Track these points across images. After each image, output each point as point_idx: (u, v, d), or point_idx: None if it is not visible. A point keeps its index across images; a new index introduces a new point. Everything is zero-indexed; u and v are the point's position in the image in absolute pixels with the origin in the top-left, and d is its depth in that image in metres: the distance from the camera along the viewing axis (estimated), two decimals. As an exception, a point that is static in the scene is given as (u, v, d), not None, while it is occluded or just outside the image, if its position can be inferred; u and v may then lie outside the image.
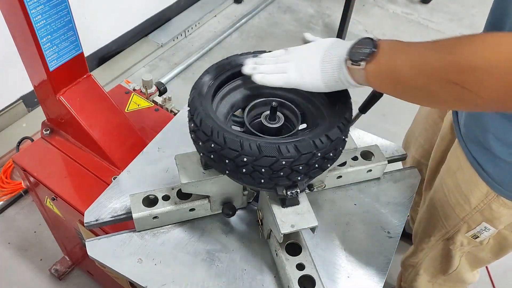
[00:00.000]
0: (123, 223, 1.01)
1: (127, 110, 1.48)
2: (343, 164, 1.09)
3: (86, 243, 0.98)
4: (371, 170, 1.11)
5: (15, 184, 2.08)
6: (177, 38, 3.05)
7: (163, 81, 2.61)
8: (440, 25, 3.42)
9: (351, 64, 0.76)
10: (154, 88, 1.61)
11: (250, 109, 0.92)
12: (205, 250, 0.98)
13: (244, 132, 0.91)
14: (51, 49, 1.14)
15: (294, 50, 0.86)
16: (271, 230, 0.94)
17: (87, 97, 1.28)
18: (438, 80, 0.64)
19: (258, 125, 0.91)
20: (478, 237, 1.12)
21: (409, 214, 1.54)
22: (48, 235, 1.82)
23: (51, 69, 1.17)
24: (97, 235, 1.17)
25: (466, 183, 1.06)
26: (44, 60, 1.14)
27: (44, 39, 1.10)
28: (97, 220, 1.00)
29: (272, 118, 0.89)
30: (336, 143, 0.80)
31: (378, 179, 1.15)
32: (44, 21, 1.08)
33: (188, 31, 3.12)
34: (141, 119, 1.45)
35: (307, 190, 1.04)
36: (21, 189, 2.07)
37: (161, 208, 0.97)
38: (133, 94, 1.54)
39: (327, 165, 0.83)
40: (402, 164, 1.53)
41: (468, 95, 0.61)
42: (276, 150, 0.75)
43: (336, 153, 0.83)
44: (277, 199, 0.90)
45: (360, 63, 0.74)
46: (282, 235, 0.86)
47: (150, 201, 0.99)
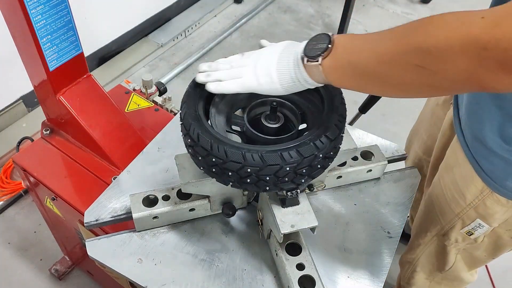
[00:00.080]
0: (123, 223, 1.01)
1: (127, 110, 1.48)
2: (343, 164, 1.09)
3: (86, 243, 0.98)
4: (371, 170, 1.11)
5: (15, 184, 2.08)
6: (177, 38, 3.05)
7: (163, 81, 2.61)
8: (440, 25, 3.41)
9: (307, 61, 0.73)
10: (154, 88, 1.61)
11: (250, 109, 0.92)
12: (205, 250, 0.98)
13: (244, 132, 0.91)
14: (51, 49, 1.14)
15: (250, 55, 0.85)
16: (271, 230, 0.94)
17: (87, 97, 1.28)
18: (402, 65, 0.62)
19: (258, 125, 0.91)
20: (473, 234, 1.13)
21: (409, 215, 1.54)
22: (48, 235, 1.82)
23: (51, 69, 1.17)
24: (97, 235, 1.17)
25: (462, 179, 1.06)
26: (44, 60, 1.14)
27: (44, 39, 1.10)
28: (97, 220, 1.00)
29: (272, 118, 0.89)
30: (335, 141, 0.81)
31: (378, 179, 1.15)
32: (44, 21, 1.08)
33: (188, 31, 3.12)
34: (141, 119, 1.45)
35: (307, 190, 1.04)
36: (21, 189, 2.07)
37: (161, 208, 0.97)
38: (133, 94, 1.54)
39: (328, 163, 0.84)
40: (405, 160, 1.53)
41: (434, 77, 0.60)
42: (279, 157, 0.75)
43: (336, 150, 0.84)
44: (277, 199, 0.90)
45: (317, 58, 0.72)
46: (282, 235, 0.86)
47: (150, 201, 0.99)
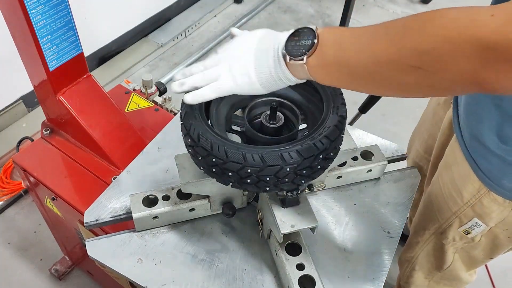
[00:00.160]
0: (123, 223, 1.01)
1: (127, 110, 1.48)
2: (343, 164, 1.09)
3: (86, 243, 0.98)
4: (371, 170, 1.11)
5: (15, 184, 2.08)
6: (177, 38, 3.05)
7: (163, 81, 2.61)
8: (440, 25, 3.41)
9: (290, 60, 0.67)
10: (154, 88, 1.61)
11: (250, 109, 0.92)
12: (205, 250, 0.98)
13: (244, 132, 0.91)
14: (51, 49, 1.14)
15: (224, 51, 0.78)
16: (271, 230, 0.94)
17: (87, 97, 1.28)
18: (397, 66, 0.58)
19: (258, 125, 0.91)
20: (470, 233, 1.13)
21: (408, 216, 1.54)
22: (48, 235, 1.82)
23: (51, 69, 1.17)
24: (97, 235, 1.17)
25: (460, 177, 1.06)
26: (44, 60, 1.14)
27: (44, 39, 1.10)
28: (97, 220, 1.00)
29: (272, 118, 0.89)
30: (335, 142, 0.81)
31: (378, 179, 1.15)
32: (44, 21, 1.08)
33: (188, 31, 3.12)
34: (141, 119, 1.45)
35: (307, 190, 1.04)
36: (21, 189, 2.08)
37: (161, 208, 0.97)
38: (133, 94, 1.54)
39: (328, 164, 0.84)
40: (407, 159, 1.53)
41: (432, 78, 0.57)
42: (279, 158, 0.75)
43: (336, 151, 0.84)
44: (277, 199, 0.90)
45: (301, 57, 0.66)
46: (282, 235, 0.86)
47: (150, 201, 0.99)
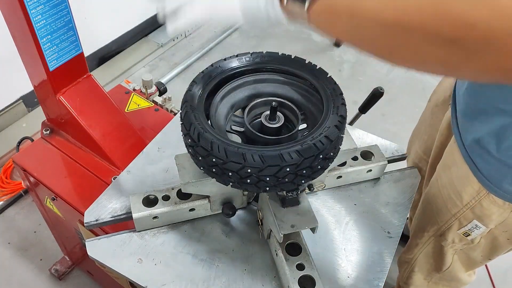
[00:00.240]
0: (123, 223, 1.01)
1: (127, 110, 1.48)
2: (343, 164, 1.09)
3: (86, 243, 0.98)
4: (371, 170, 1.11)
5: (15, 184, 2.08)
6: (177, 38, 3.05)
7: (163, 81, 2.61)
8: (440, 25, 3.41)
9: (287, 1, 0.60)
10: (154, 88, 1.61)
11: (250, 109, 0.92)
12: (205, 250, 0.98)
13: (244, 132, 0.91)
14: (51, 49, 1.14)
15: None
16: (271, 230, 0.94)
17: (87, 97, 1.28)
18: (429, 34, 0.48)
19: (258, 125, 0.91)
20: (469, 235, 1.12)
21: (408, 216, 1.54)
22: (48, 235, 1.82)
23: (51, 69, 1.17)
24: (97, 235, 1.17)
25: (459, 179, 1.06)
26: (44, 60, 1.14)
27: (44, 39, 1.10)
28: (97, 220, 1.00)
29: (272, 118, 0.89)
30: (335, 142, 0.81)
31: (378, 179, 1.15)
32: (44, 21, 1.08)
33: (188, 31, 3.12)
34: (141, 119, 1.45)
35: (307, 190, 1.04)
36: (21, 189, 2.08)
37: (161, 208, 0.97)
38: (133, 94, 1.54)
39: (328, 164, 0.84)
40: (406, 160, 1.52)
41: (468, 58, 0.47)
42: (279, 158, 0.75)
43: (336, 151, 0.84)
44: (277, 199, 0.90)
45: (304, 2, 0.58)
46: (282, 235, 0.86)
47: (150, 201, 0.99)
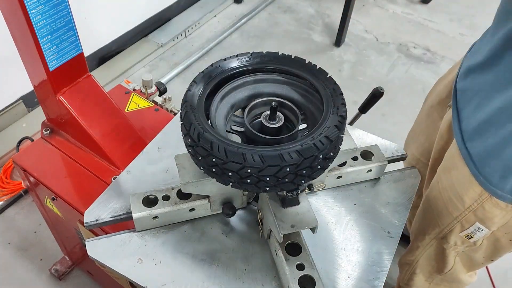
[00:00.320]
0: (123, 223, 1.01)
1: (127, 110, 1.48)
2: (343, 164, 1.09)
3: (86, 243, 0.98)
4: (371, 170, 1.11)
5: (15, 184, 2.08)
6: (177, 38, 3.05)
7: (163, 81, 2.62)
8: (440, 25, 3.41)
9: None
10: (154, 88, 1.61)
11: (250, 109, 0.92)
12: (205, 250, 0.98)
13: (244, 132, 0.91)
14: (51, 49, 1.14)
15: None
16: (271, 230, 0.94)
17: (87, 97, 1.28)
18: None
19: (258, 125, 0.91)
20: (472, 237, 1.12)
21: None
22: (48, 235, 1.82)
23: (51, 69, 1.17)
24: (97, 235, 1.17)
25: (460, 182, 1.06)
26: (44, 60, 1.14)
27: (44, 39, 1.10)
28: (97, 220, 1.00)
29: (272, 118, 0.89)
30: (335, 142, 0.81)
31: (378, 179, 1.15)
32: (44, 21, 1.08)
33: (188, 31, 3.12)
34: (141, 119, 1.45)
35: (307, 190, 1.04)
36: (21, 189, 2.08)
37: (161, 208, 0.97)
38: (133, 94, 1.54)
39: (328, 164, 0.84)
40: (403, 163, 1.52)
41: None
42: (279, 158, 0.75)
43: (336, 151, 0.84)
44: (277, 199, 0.90)
45: None
46: (282, 235, 0.86)
47: (150, 201, 0.99)
